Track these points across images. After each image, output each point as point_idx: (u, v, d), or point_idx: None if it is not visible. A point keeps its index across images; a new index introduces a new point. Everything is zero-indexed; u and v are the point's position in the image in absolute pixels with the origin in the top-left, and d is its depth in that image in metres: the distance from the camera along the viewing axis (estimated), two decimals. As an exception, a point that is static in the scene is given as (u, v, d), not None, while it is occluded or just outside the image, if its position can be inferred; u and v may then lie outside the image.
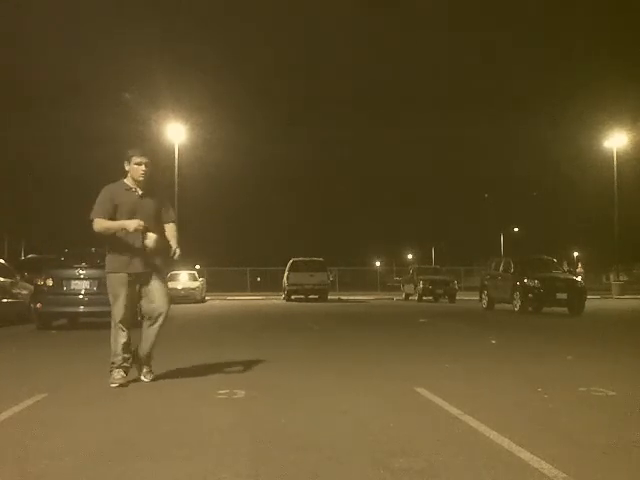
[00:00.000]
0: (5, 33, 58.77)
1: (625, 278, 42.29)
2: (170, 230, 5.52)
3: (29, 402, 4.51)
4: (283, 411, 4.27)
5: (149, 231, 5.26)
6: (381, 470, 2.93)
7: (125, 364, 5.36)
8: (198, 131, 35.34)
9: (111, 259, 5.39)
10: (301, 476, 2.88)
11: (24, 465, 3.05)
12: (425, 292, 26.74)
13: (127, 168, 5.43)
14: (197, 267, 34.05)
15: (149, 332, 5.46)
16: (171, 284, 25.48)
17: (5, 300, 12.59)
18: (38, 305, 11.36)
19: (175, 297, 24.14)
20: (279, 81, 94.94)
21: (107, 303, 11.56)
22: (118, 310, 5.36)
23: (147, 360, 5.53)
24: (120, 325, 5.36)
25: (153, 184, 5.60)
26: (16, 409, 4.28)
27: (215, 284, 32.71)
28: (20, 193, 51.70)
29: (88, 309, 11.39)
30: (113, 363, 5.35)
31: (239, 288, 37.03)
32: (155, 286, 5.40)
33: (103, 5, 75.35)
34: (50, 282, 11.32)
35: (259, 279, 40.93)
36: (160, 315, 5.41)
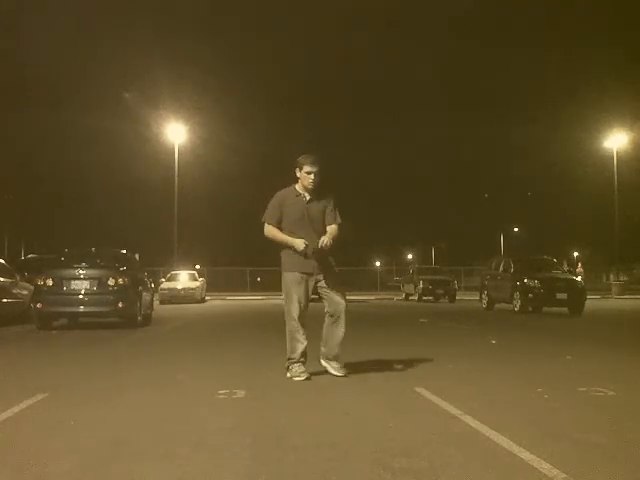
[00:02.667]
0: (5, 33, 58.76)
1: (625, 278, 42.35)
2: (329, 229, 5.65)
3: (29, 402, 4.51)
4: (283, 411, 4.27)
5: (314, 246, 5.50)
6: (381, 470, 2.93)
7: (302, 359, 5.56)
8: (198, 131, 35.38)
9: (286, 259, 5.63)
10: (301, 476, 2.87)
11: (24, 465, 3.05)
12: (425, 292, 26.76)
13: (298, 175, 5.67)
14: (197, 267, 34.08)
15: (334, 330, 5.62)
16: (171, 284, 25.51)
17: (5, 300, 12.59)
18: (38, 305, 11.35)
19: (175, 297, 24.43)
20: (279, 81, 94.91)
21: (107, 303, 11.73)
22: (294, 308, 5.59)
23: (337, 355, 5.65)
24: (296, 322, 5.57)
25: (321, 189, 5.73)
26: (16, 409, 4.27)
27: (215, 284, 32.71)
28: (20, 193, 51.71)
29: (88, 309, 11.40)
30: (291, 359, 5.58)
31: (239, 288, 37.03)
32: (329, 288, 5.62)
33: (103, 5, 75.32)
34: (50, 282, 11.32)
35: (259, 279, 40.91)
36: (342, 313, 5.60)
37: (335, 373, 5.57)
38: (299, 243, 5.49)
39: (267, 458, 3.14)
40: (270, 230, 5.65)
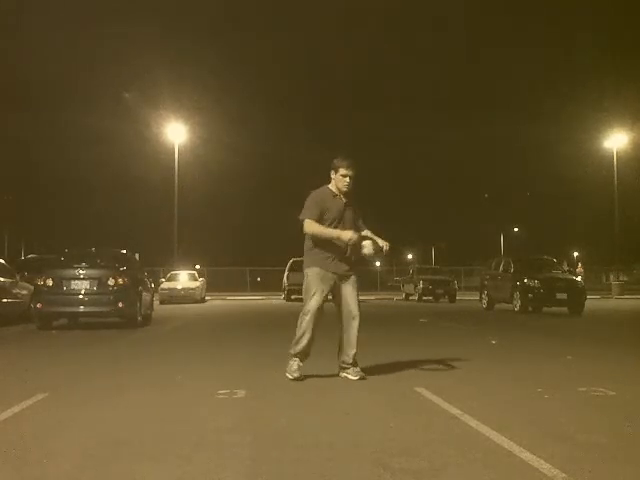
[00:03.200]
0: (5, 33, 58.78)
1: (625, 278, 42.36)
2: (368, 233, 5.66)
3: (29, 402, 4.51)
4: (283, 411, 4.27)
5: (364, 240, 5.45)
6: (381, 470, 2.93)
7: (301, 356, 5.48)
8: (198, 131, 35.39)
9: (313, 256, 5.54)
10: (301, 476, 2.88)
11: (24, 465, 3.05)
12: (425, 292, 26.74)
13: (332, 177, 5.63)
14: (197, 267, 34.07)
15: (348, 336, 5.54)
16: (171, 284, 25.49)
17: (5, 300, 12.59)
18: (38, 305, 11.35)
19: (175, 297, 24.42)
20: (279, 81, 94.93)
21: (107, 303, 11.76)
22: (312, 305, 5.46)
23: (355, 362, 5.56)
24: (310, 318, 5.45)
25: (353, 194, 5.70)
26: (16, 409, 4.27)
27: (215, 284, 32.71)
28: (20, 193, 51.75)
29: (88, 309, 11.39)
30: (290, 352, 5.50)
31: (239, 288, 37.03)
32: (349, 290, 5.56)
33: (103, 5, 75.37)
34: (50, 282, 11.31)
35: (259, 279, 40.94)
36: (354, 318, 5.52)
37: (352, 378, 5.50)
38: (347, 234, 5.38)
39: (267, 458, 3.14)
40: (312, 225, 5.46)
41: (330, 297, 5.63)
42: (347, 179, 5.56)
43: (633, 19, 70.52)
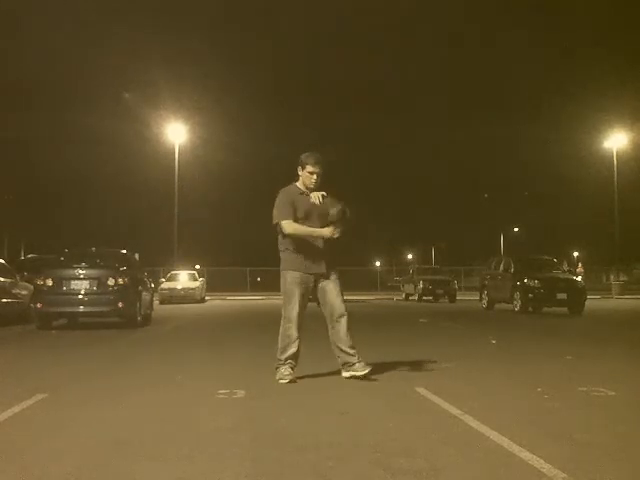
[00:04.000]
0: (5, 33, 58.78)
1: (625, 278, 42.35)
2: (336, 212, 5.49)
3: (29, 402, 4.51)
4: (283, 411, 4.27)
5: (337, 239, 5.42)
6: (381, 470, 2.93)
7: (290, 361, 5.42)
8: (198, 131, 35.40)
9: (288, 258, 5.49)
10: (301, 476, 2.87)
11: (24, 465, 3.05)
12: (425, 292, 26.76)
13: (300, 173, 5.56)
14: (197, 267, 34.08)
15: (338, 335, 5.47)
16: (171, 284, 25.50)
17: (5, 300, 12.59)
18: (38, 305, 11.35)
19: (175, 297, 24.43)
20: (279, 81, 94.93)
21: (107, 303, 11.76)
22: (292, 309, 5.45)
23: (356, 357, 5.49)
24: (293, 324, 5.43)
25: (322, 188, 5.62)
26: (16, 409, 4.27)
27: (215, 284, 32.72)
28: (20, 193, 51.74)
29: (88, 309, 11.40)
30: (279, 360, 5.44)
31: (239, 288, 37.04)
32: (330, 289, 5.51)
33: (103, 5, 75.38)
34: (50, 282, 11.32)
35: (259, 279, 40.93)
36: (342, 317, 5.48)
37: (359, 373, 5.40)
38: (327, 231, 5.35)
39: (267, 458, 3.14)
40: (291, 225, 5.39)
41: (311, 297, 5.60)
42: (314, 176, 5.48)
43: (633, 19, 70.54)
